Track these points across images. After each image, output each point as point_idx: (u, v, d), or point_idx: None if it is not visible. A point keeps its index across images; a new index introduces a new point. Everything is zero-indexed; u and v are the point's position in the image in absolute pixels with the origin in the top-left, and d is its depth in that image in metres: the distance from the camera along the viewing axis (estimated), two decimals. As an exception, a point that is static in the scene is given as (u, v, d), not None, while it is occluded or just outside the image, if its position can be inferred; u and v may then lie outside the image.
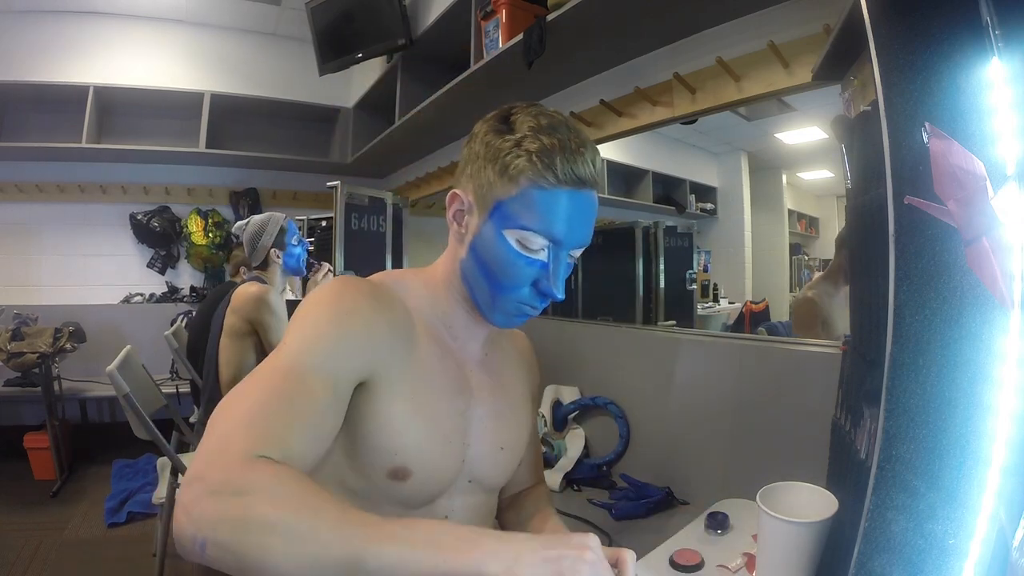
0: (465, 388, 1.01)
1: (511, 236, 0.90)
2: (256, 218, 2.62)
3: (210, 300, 3.01)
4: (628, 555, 0.81)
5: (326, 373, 0.79)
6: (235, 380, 2.28)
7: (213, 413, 0.72)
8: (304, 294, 3.09)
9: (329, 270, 2.91)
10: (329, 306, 0.86)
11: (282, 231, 2.58)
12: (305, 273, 2.69)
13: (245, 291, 2.39)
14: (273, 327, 2.35)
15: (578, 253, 0.95)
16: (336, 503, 0.62)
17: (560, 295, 0.92)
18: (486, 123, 0.95)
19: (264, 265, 2.57)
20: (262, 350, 2.40)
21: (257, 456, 0.65)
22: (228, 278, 3.50)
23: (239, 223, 2.68)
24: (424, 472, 0.91)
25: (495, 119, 0.94)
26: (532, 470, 1.25)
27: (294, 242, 2.62)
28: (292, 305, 3.33)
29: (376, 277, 1.01)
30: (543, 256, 0.90)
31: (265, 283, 2.45)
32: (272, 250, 2.55)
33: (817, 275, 2.54)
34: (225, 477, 0.63)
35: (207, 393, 2.51)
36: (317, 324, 0.83)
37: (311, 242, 3.77)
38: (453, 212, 0.97)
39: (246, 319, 2.35)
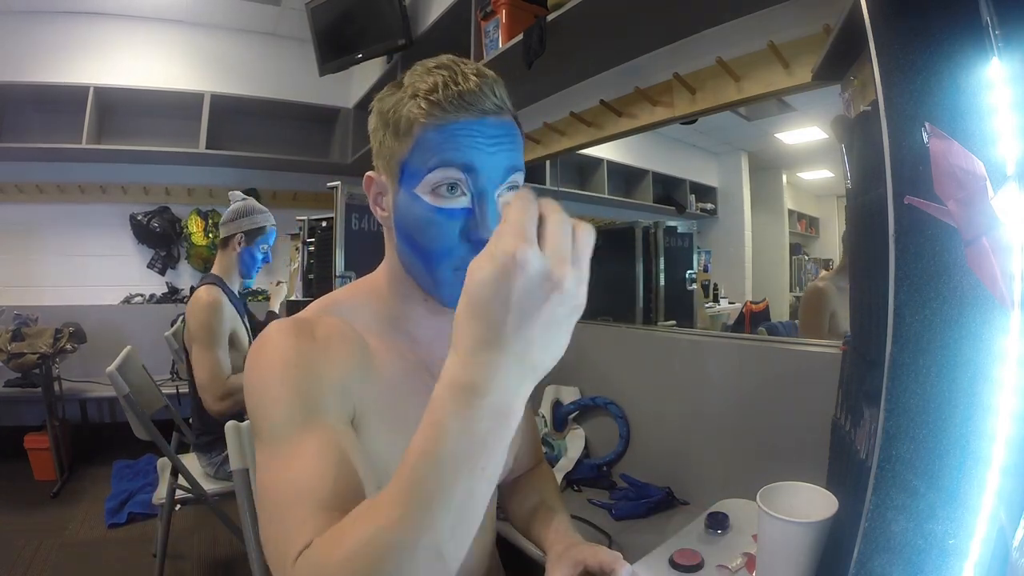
0: None
1: (422, 192, 0.81)
2: (253, 202, 2.61)
3: None
4: (622, 568, 0.81)
5: (325, 419, 0.74)
6: (211, 381, 2.27)
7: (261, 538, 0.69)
8: (275, 307, 3.08)
9: (282, 284, 2.96)
10: (272, 361, 0.78)
11: (261, 230, 2.57)
12: (252, 278, 2.65)
13: (194, 300, 2.38)
14: (201, 341, 2.33)
15: (518, 179, 0.84)
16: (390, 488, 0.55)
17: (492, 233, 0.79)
18: (379, 98, 0.88)
19: (225, 244, 2.56)
20: (232, 346, 2.40)
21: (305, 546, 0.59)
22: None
23: (237, 192, 2.66)
24: None
25: (388, 87, 0.87)
26: (530, 453, 1.23)
27: (262, 248, 2.60)
28: (293, 305, 3.34)
29: (312, 308, 0.92)
30: (465, 202, 0.80)
31: (216, 284, 2.44)
32: (239, 235, 2.53)
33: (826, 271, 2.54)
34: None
35: (190, 390, 2.53)
36: (272, 385, 0.76)
37: (311, 242, 3.78)
38: (373, 198, 0.91)
39: (196, 329, 2.35)
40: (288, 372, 0.76)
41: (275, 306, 3.10)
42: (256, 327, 2.68)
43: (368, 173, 0.90)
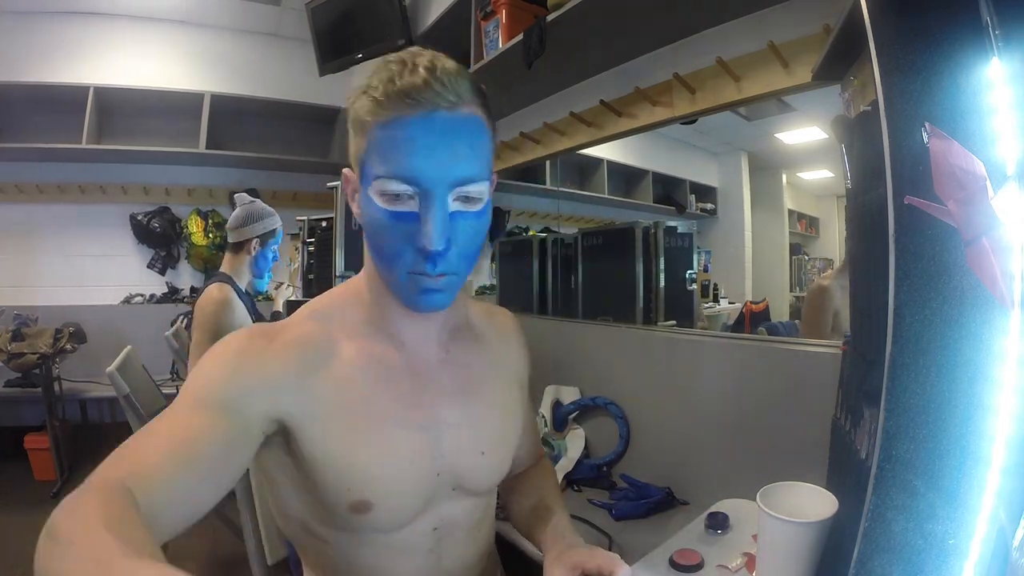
0: (422, 400, 0.91)
1: (373, 194, 0.79)
2: (262, 205, 2.62)
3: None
4: (621, 568, 0.81)
5: (208, 411, 0.75)
6: None
7: None
8: (279, 307, 3.09)
9: (290, 286, 2.94)
10: (219, 352, 0.82)
11: (273, 233, 2.58)
12: (262, 280, 2.66)
13: (206, 297, 2.37)
14: (203, 336, 2.31)
15: (476, 192, 0.80)
16: (119, 546, 0.55)
17: (435, 245, 0.76)
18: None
19: (237, 248, 2.56)
20: None
21: (93, 483, 0.62)
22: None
23: (245, 194, 2.67)
24: (387, 500, 0.86)
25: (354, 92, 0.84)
26: (531, 452, 1.22)
27: (273, 249, 2.61)
28: (294, 305, 3.34)
29: (294, 316, 0.93)
30: (412, 206, 0.77)
31: (227, 282, 2.44)
32: (255, 240, 2.54)
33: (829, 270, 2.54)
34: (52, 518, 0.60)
35: None
36: (204, 370, 0.80)
37: (311, 242, 3.79)
38: (350, 195, 0.88)
39: (202, 322, 2.34)
40: (213, 365, 0.80)
41: (279, 307, 3.11)
42: None
43: (345, 170, 0.88)
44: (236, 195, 2.70)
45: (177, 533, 0.69)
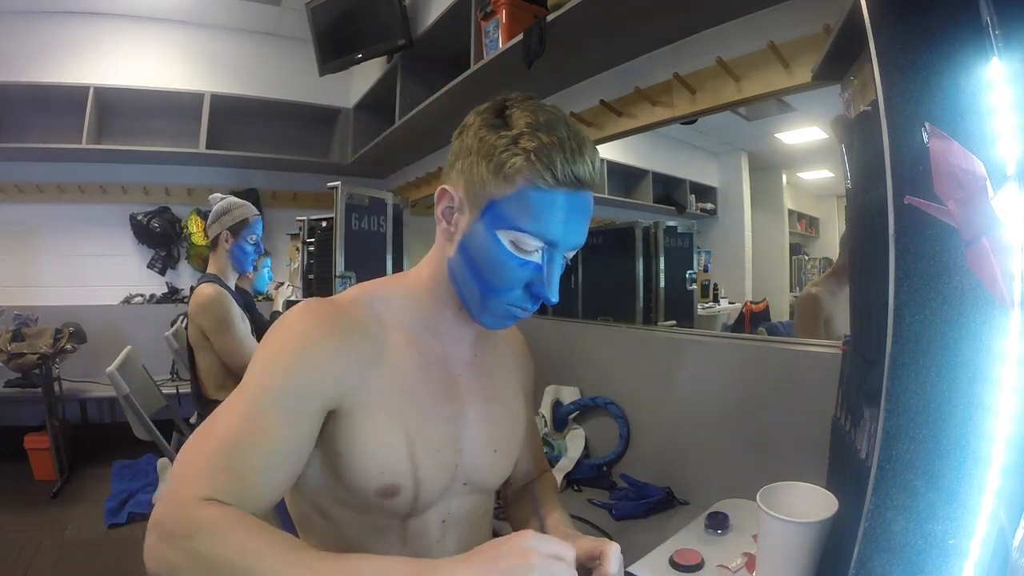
0: (454, 394, 0.99)
1: (504, 237, 0.86)
2: (233, 199, 2.61)
3: None
4: (611, 549, 0.81)
5: (287, 410, 0.80)
6: (221, 386, 2.27)
7: (180, 450, 0.80)
8: (279, 307, 3.09)
9: (290, 286, 2.93)
10: (287, 340, 0.85)
11: (244, 223, 2.56)
12: (248, 270, 2.65)
13: (196, 297, 2.37)
14: (217, 331, 2.33)
15: (571, 254, 0.92)
16: (279, 544, 0.68)
17: (554, 298, 0.89)
18: (479, 115, 0.91)
19: (214, 245, 2.56)
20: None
21: (207, 500, 0.71)
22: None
23: (216, 194, 2.66)
24: (414, 486, 0.90)
25: (490, 112, 0.90)
26: (534, 462, 1.24)
27: (250, 240, 2.58)
28: (290, 305, 3.34)
29: (348, 294, 0.98)
30: (536, 258, 0.87)
31: (214, 281, 2.43)
32: (224, 233, 2.53)
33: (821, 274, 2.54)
34: (176, 525, 0.69)
35: (193, 395, 2.54)
36: (275, 360, 0.84)
37: (311, 242, 3.78)
38: (442, 209, 0.94)
39: (199, 328, 2.34)
40: (284, 356, 0.84)
41: (279, 307, 3.11)
42: (261, 325, 2.68)
43: (446, 187, 0.93)
44: (210, 196, 2.68)
45: None
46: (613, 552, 0.80)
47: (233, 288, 2.55)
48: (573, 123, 0.88)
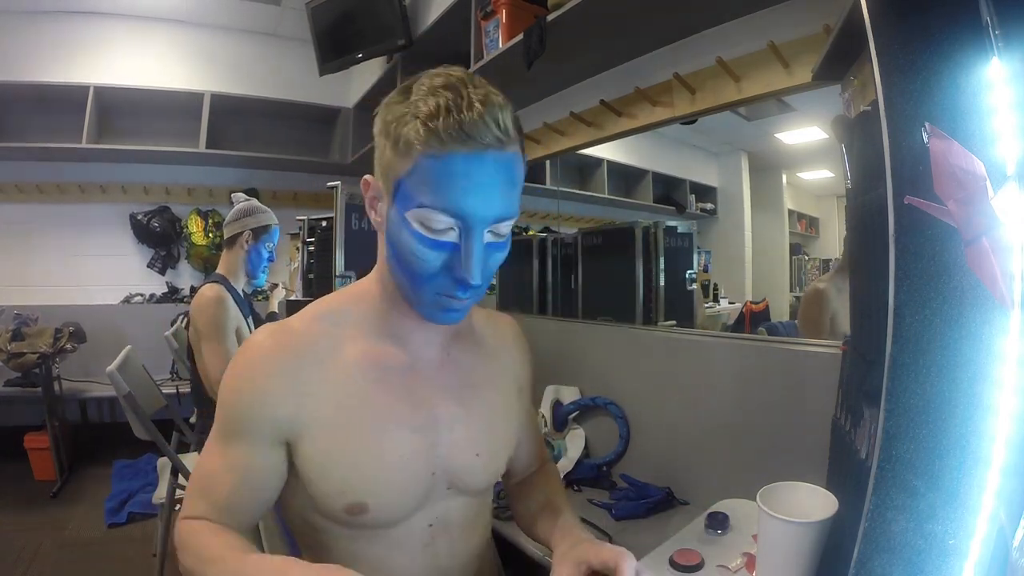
0: (420, 400, 0.94)
1: (413, 218, 0.79)
2: (256, 202, 2.61)
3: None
4: (626, 563, 0.80)
5: (244, 442, 0.87)
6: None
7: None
8: (274, 307, 3.08)
9: (285, 288, 2.93)
10: (240, 373, 0.89)
11: (266, 228, 2.56)
12: (258, 277, 2.64)
13: (198, 298, 2.36)
14: (207, 336, 2.31)
15: (505, 228, 0.84)
16: (232, 554, 0.80)
17: (475, 280, 0.80)
18: (387, 96, 0.85)
19: (231, 243, 2.56)
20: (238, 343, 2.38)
21: (191, 518, 0.88)
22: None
23: (242, 194, 2.66)
24: (381, 501, 0.88)
25: (397, 91, 0.84)
26: (533, 455, 1.21)
27: (267, 247, 2.59)
28: (293, 305, 3.34)
29: (306, 313, 0.96)
30: (452, 237, 0.79)
31: (220, 282, 2.42)
32: (247, 233, 2.52)
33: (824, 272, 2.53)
34: (175, 540, 0.88)
35: (194, 395, 2.54)
36: (232, 393, 0.89)
37: (311, 242, 3.78)
38: (369, 201, 0.90)
39: (203, 327, 2.33)
40: (238, 390, 0.88)
41: (274, 307, 3.10)
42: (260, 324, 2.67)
43: (366, 176, 0.89)
44: (233, 194, 2.68)
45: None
46: (628, 566, 0.79)
47: (240, 291, 2.54)
48: (483, 83, 0.82)
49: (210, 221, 5.00)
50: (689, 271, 2.76)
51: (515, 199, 0.82)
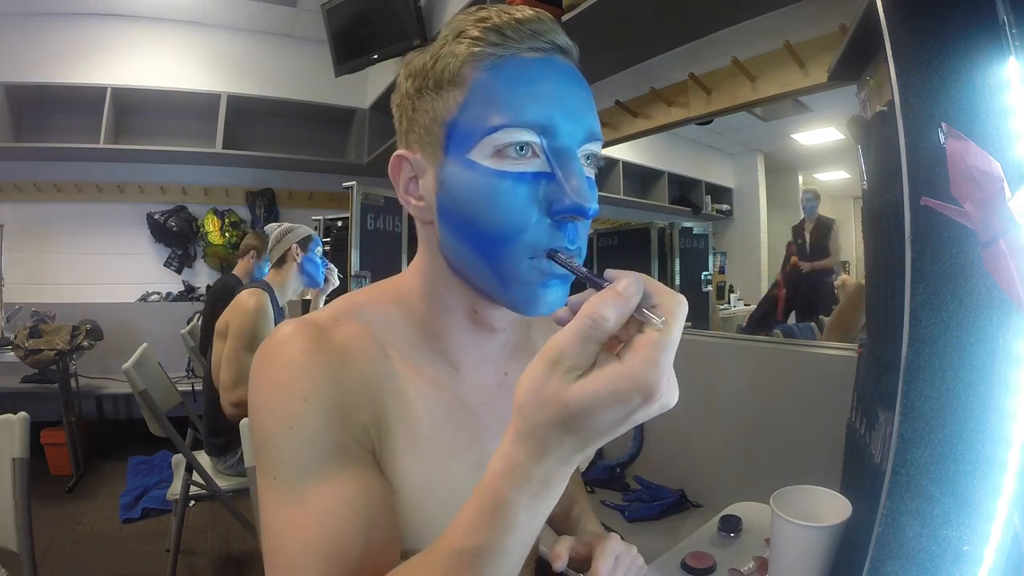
0: (477, 436, 0.74)
1: (480, 156, 0.60)
2: (286, 223, 2.65)
3: (210, 297, 3.10)
4: (603, 544, 0.74)
5: (330, 471, 0.60)
6: (235, 384, 2.25)
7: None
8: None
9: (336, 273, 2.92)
10: (289, 380, 0.62)
11: (308, 238, 2.59)
12: (321, 283, 2.66)
13: (239, 301, 2.35)
14: (237, 336, 2.29)
15: (597, 153, 0.64)
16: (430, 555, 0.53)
17: (591, 203, 0.58)
18: (406, 64, 0.69)
19: (281, 263, 2.57)
20: None
21: None
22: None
23: (272, 224, 2.71)
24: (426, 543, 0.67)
25: (413, 53, 0.68)
26: None
27: (318, 252, 2.62)
28: (306, 305, 3.35)
29: (328, 311, 0.71)
30: (537, 165, 0.59)
31: (265, 290, 2.41)
32: (294, 247, 2.55)
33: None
34: None
35: (204, 390, 2.56)
36: (283, 423, 0.61)
37: (327, 242, 3.80)
38: (404, 185, 0.69)
39: (227, 322, 2.33)
40: (301, 398, 0.62)
41: (320, 305, 3.09)
42: None
43: (398, 152, 0.69)
44: (266, 227, 2.74)
45: None
46: (608, 548, 0.73)
47: (283, 306, 2.54)
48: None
49: (226, 220, 5.04)
50: (705, 272, 2.75)
51: (597, 116, 0.64)
